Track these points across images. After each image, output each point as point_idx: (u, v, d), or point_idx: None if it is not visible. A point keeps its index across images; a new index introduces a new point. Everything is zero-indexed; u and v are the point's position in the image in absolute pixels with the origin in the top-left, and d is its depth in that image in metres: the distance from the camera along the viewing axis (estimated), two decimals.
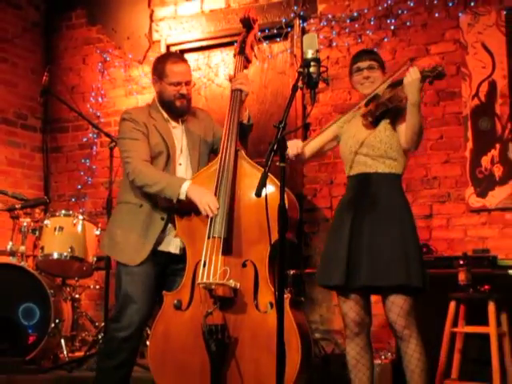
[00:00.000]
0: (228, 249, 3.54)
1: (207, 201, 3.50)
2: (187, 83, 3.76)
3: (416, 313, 3.41)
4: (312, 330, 5.12)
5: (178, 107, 3.77)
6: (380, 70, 3.54)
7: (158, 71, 3.79)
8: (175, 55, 4.19)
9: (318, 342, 5.03)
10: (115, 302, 3.81)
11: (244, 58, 3.90)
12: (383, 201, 3.45)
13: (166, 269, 3.75)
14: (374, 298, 3.60)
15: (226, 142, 3.65)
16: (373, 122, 3.46)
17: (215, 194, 3.53)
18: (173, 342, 3.61)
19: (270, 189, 3.39)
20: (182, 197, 3.51)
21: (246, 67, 3.92)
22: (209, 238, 3.53)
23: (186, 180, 3.59)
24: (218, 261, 3.51)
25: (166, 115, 3.80)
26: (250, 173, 3.65)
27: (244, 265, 3.55)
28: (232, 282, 3.45)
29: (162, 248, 3.70)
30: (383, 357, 4.45)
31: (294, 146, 3.57)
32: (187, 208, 3.60)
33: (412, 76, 3.26)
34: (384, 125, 3.47)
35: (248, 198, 3.62)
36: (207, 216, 3.50)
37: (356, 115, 3.59)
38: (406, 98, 3.34)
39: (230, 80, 3.89)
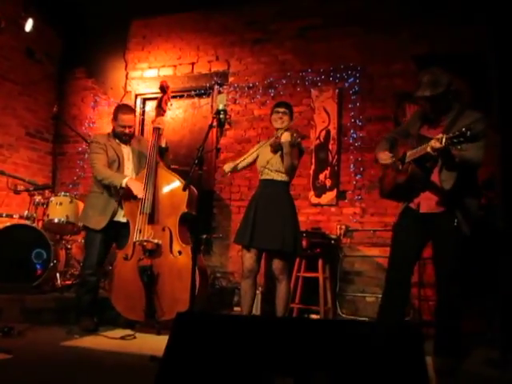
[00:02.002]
0: (152, 220, 3.60)
1: (137, 187, 3.57)
2: (129, 126, 3.77)
3: (289, 264, 3.42)
4: (215, 271, 5.05)
5: (124, 139, 3.80)
6: (289, 116, 3.52)
7: (115, 115, 3.79)
8: (126, 108, 3.90)
9: (218, 278, 4.97)
10: (84, 251, 3.78)
11: (161, 109, 3.92)
12: (278, 196, 3.44)
13: (118, 232, 3.71)
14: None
15: (150, 159, 3.70)
16: (273, 151, 3.49)
17: (144, 188, 3.59)
18: (123, 280, 3.60)
19: (178, 184, 3.66)
20: (124, 185, 3.55)
21: (162, 115, 3.92)
22: (140, 213, 3.58)
23: (126, 176, 3.64)
24: (147, 227, 3.57)
25: (118, 141, 3.79)
26: (166, 175, 3.74)
27: (163, 229, 3.59)
28: (156, 240, 3.54)
29: (115, 219, 3.69)
30: (257, 291, 4.44)
31: (227, 167, 3.58)
32: (129, 197, 3.62)
33: (285, 138, 3.35)
34: (279, 153, 3.47)
35: (164, 190, 3.69)
36: (139, 198, 3.57)
37: (267, 144, 3.55)
38: None
39: (152, 122, 3.92)
